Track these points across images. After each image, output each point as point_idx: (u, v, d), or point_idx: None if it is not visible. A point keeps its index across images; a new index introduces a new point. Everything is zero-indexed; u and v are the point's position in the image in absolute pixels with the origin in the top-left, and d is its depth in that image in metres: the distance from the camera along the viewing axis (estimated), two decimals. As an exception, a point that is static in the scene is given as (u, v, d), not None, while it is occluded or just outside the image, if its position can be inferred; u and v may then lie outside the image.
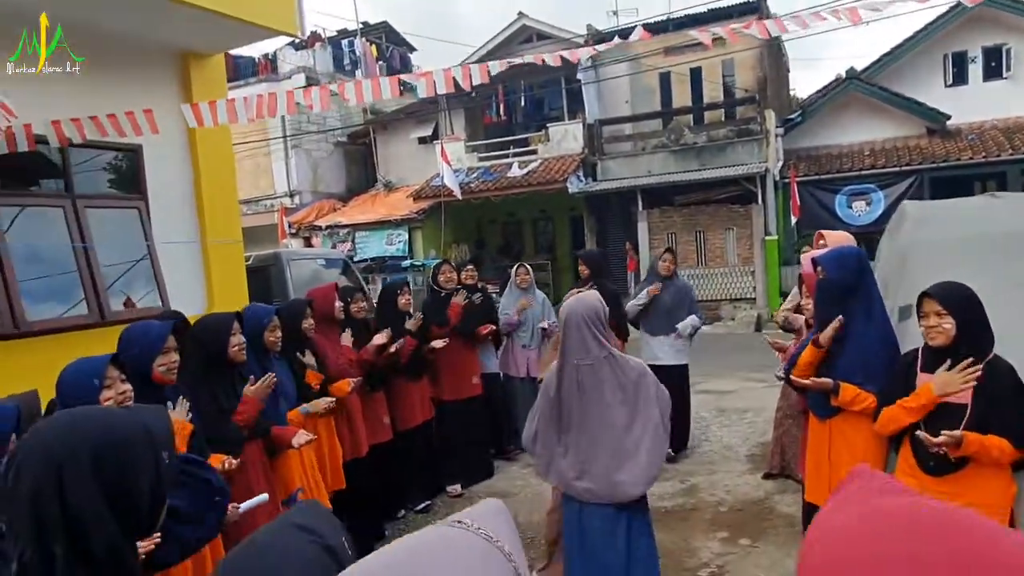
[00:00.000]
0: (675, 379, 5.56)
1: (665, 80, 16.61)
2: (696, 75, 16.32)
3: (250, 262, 8.72)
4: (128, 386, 2.31)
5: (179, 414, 2.66)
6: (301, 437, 3.16)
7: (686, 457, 5.57)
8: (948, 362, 2.50)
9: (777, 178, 14.74)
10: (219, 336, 3.05)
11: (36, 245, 5.63)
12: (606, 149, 16.49)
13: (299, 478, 3.42)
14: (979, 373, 2.41)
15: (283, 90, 5.63)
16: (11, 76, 5.13)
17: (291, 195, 19.29)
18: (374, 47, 22.94)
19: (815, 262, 3.10)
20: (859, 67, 15.86)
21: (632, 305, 5.69)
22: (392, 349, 4.56)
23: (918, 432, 2.46)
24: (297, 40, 17.64)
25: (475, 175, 17.13)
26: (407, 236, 17.33)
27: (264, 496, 2.62)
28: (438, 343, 4.89)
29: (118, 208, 6.23)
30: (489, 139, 18.39)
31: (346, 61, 21.95)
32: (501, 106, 17.88)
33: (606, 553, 2.78)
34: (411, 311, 4.85)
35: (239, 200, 20.63)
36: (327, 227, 18.05)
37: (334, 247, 17.73)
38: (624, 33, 15.17)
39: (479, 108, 18.83)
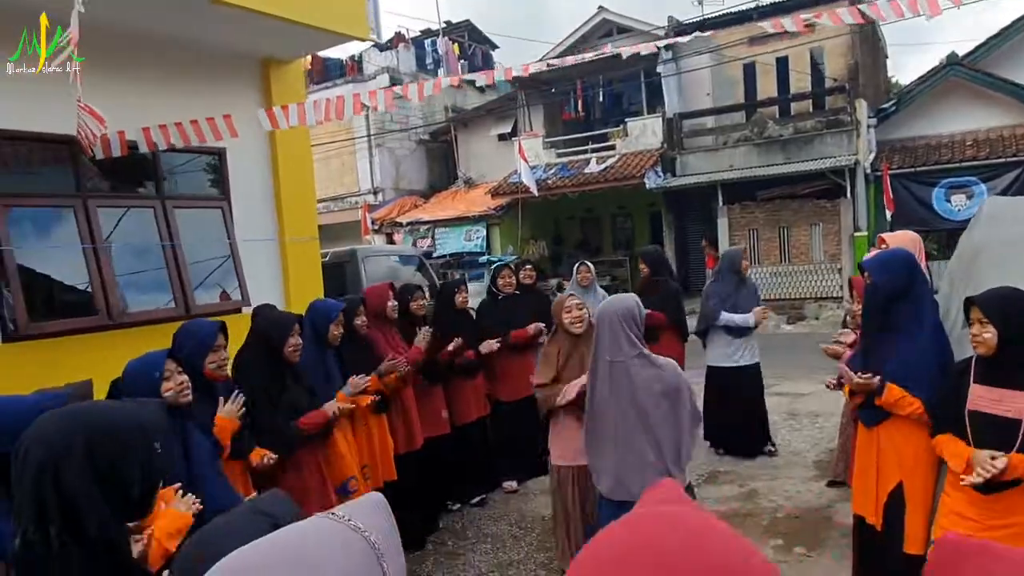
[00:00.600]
0: (753, 379, 5.65)
1: (749, 71, 16.11)
2: (783, 64, 15.75)
3: (327, 259, 9.07)
4: (185, 377, 2.49)
5: (229, 412, 2.79)
6: (332, 406, 3.30)
7: (751, 460, 5.44)
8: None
9: (868, 171, 14.05)
10: (279, 335, 3.21)
11: (131, 243, 6.06)
12: (686, 144, 16.16)
13: (352, 468, 3.56)
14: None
15: (366, 90, 5.86)
16: (108, 84, 5.56)
17: (374, 192, 19.87)
18: (456, 46, 23.27)
19: (861, 267, 2.98)
20: (968, 50, 14.91)
21: (728, 319, 5.57)
22: (450, 348, 4.67)
23: (973, 451, 2.34)
24: (381, 42, 18.12)
25: (552, 171, 17.15)
26: (485, 232, 17.54)
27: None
28: (489, 346, 4.97)
29: (203, 208, 6.62)
30: (567, 135, 18.37)
31: (428, 60, 22.38)
32: (579, 102, 17.80)
33: None
34: (468, 309, 4.96)
35: (325, 198, 21.42)
36: (408, 223, 18.50)
37: (415, 243, 18.16)
38: (685, 30, 14.82)
39: (558, 104, 18.81)
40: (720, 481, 5.00)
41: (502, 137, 19.81)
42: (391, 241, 18.72)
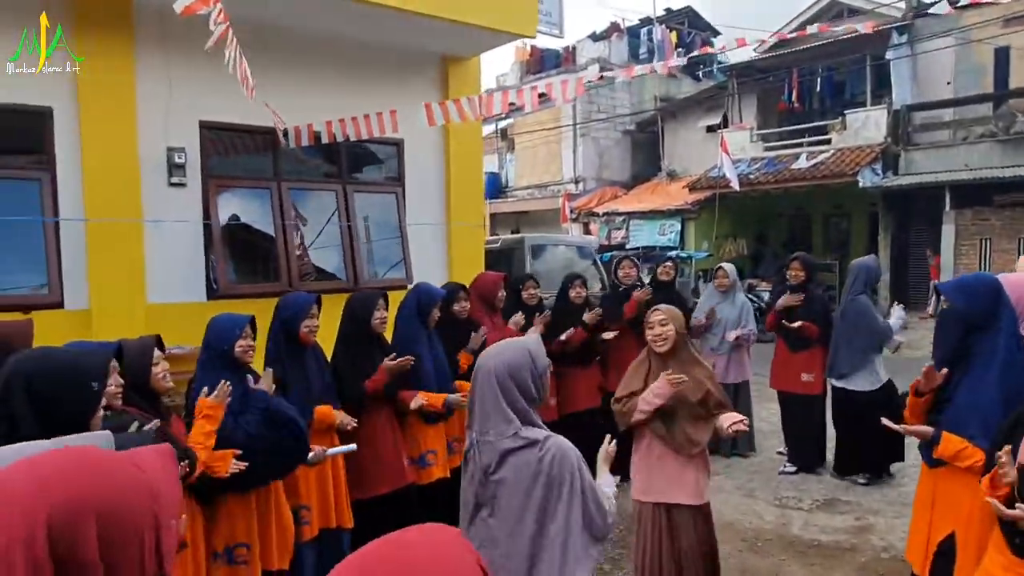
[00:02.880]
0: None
1: (1002, 56, 13.96)
2: (1047, 48, 13.46)
3: (498, 244, 9.59)
4: (254, 342, 2.97)
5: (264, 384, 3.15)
6: (418, 400, 3.63)
7: (887, 487, 4.96)
8: None
9: None
10: (366, 310, 3.63)
11: (314, 221, 6.96)
12: (915, 139, 14.46)
13: (431, 441, 3.90)
14: None
15: (573, 80, 6.14)
16: (300, 81, 6.43)
17: (576, 182, 20.25)
18: (674, 34, 22.81)
19: (938, 290, 2.66)
20: None
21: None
22: (563, 338, 4.84)
23: (988, 498, 2.06)
24: (562, 37, 18.28)
25: (757, 166, 16.28)
26: (679, 227, 17.16)
27: (352, 446, 3.15)
28: (608, 334, 5.06)
29: (380, 193, 7.38)
30: (781, 127, 17.28)
31: (643, 50, 22.18)
32: (795, 91, 16.63)
33: None
34: (584, 303, 5.09)
35: (530, 185, 22.14)
36: (604, 214, 18.64)
37: (609, 234, 18.29)
38: (925, 10, 12.93)
39: (773, 94, 17.74)
40: (837, 510, 4.63)
41: (710, 129, 19.16)
42: (587, 231, 19.01)
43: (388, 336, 3.96)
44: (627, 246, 17.71)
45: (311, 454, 2.99)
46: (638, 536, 3.32)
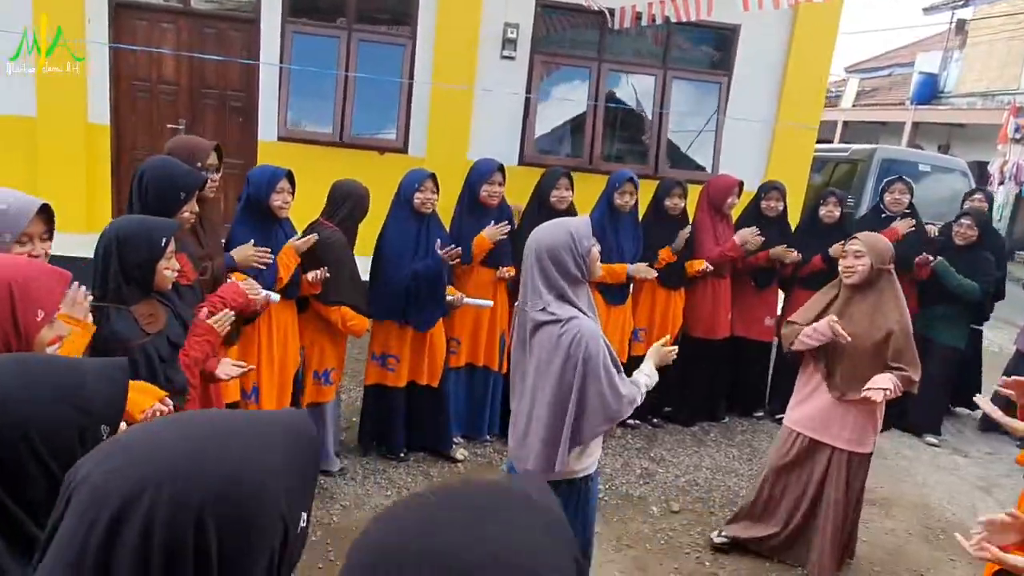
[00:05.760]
0: None
1: None
2: None
3: (847, 154, 8.49)
4: (434, 196, 3.54)
5: (491, 234, 3.74)
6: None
7: None
8: None
9: None
10: (547, 186, 3.86)
11: (635, 106, 7.13)
12: None
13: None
14: None
15: None
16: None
17: (1038, 92, 16.02)
18: None
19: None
20: None
21: None
22: (788, 260, 4.47)
23: (986, 545, 1.65)
24: None
25: None
26: None
27: (489, 302, 3.58)
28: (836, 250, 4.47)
29: (702, 81, 7.16)
30: None
31: None
32: None
33: None
34: (837, 224, 4.51)
35: (974, 92, 18.49)
36: (1061, 136, 14.59)
37: (1063, 163, 14.35)
38: None
39: None
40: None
41: None
42: (1033, 155, 15.17)
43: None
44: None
45: (450, 297, 3.52)
46: (771, 451, 3.28)
